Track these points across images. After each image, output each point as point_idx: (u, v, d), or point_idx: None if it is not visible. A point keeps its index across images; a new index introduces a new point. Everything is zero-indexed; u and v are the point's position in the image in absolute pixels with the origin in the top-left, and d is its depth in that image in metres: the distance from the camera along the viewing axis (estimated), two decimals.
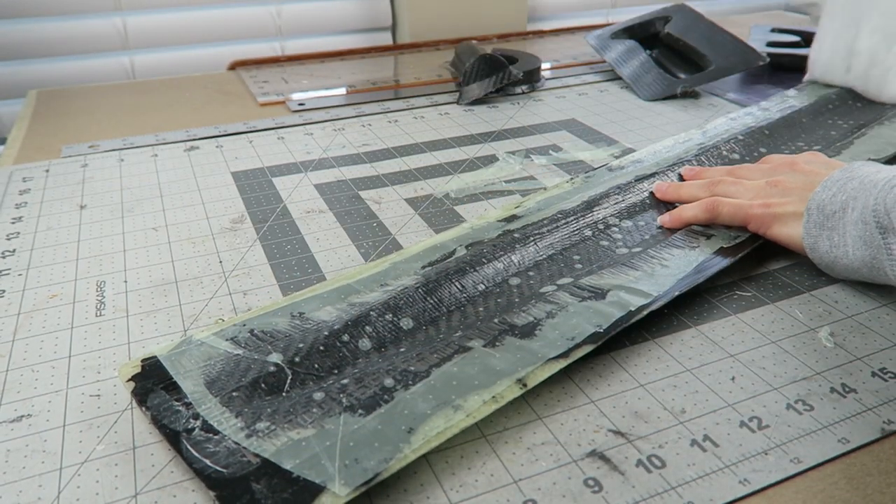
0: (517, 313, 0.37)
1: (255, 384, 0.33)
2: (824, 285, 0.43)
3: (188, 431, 0.30)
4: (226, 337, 0.36)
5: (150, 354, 0.35)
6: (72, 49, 0.96)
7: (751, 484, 0.29)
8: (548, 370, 0.33)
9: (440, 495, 0.29)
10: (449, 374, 0.33)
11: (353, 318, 0.37)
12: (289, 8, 1.04)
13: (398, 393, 0.32)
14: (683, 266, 0.41)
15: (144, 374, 0.34)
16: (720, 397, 0.34)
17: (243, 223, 0.51)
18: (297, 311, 0.38)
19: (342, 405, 0.31)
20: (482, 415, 0.31)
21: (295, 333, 0.36)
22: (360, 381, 0.33)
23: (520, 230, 0.45)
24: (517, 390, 0.32)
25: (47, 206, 0.55)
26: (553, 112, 0.74)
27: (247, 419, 0.31)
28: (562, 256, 0.43)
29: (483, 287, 0.40)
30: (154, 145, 0.66)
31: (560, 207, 0.48)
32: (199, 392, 0.32)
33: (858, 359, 0.36)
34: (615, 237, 0.45)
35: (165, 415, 0.31)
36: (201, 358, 0.34)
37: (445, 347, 0.35)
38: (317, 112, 0.75)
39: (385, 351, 0.35)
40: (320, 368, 0.34)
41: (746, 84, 0.81)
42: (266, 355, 0.34)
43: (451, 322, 0.38)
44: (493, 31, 1.08)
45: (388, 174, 0.59)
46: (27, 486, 0.30)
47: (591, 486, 0.29)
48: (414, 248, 0.44)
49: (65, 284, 0.44)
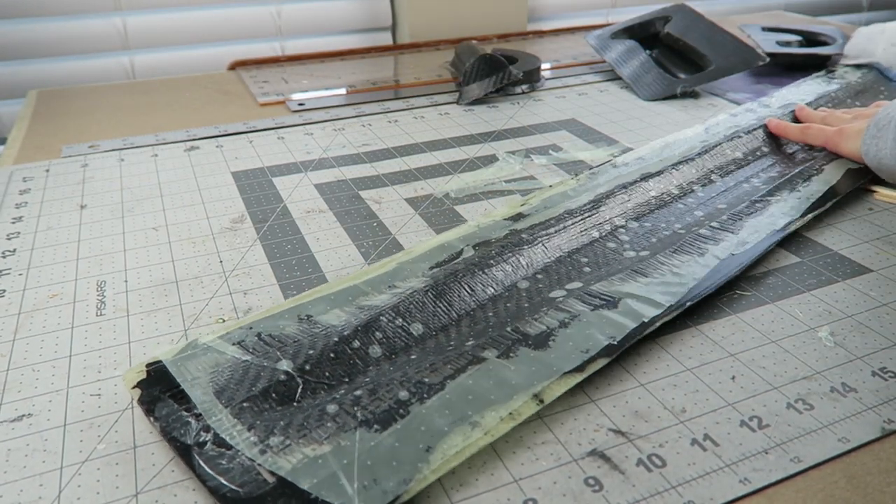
0: (529, 322, 0.37)
1: (266, 393, 0.32)
2: (824, 285, 0.43)
3: (200, 445, 0.30)
4: (232, 341, 0.35)
5: (155, 359, 0.34)
6: (72, 49, 0.96)
7: (751, 483, 0.29)
8: (564, 385, 0.33)
9: (440, 494, 0.29)
10: (464, 387, 0.32)
11: (362, 322, 0.36)
12: (289, 8, 1.04)
13: (413, 406, 0.31)
14: (695, 273, 0.41)
15: (150, 380, 0.33)
16: (720, 397, 0.34)
17: (243, 223, 0.51)
18: (304, 314, 0.37)
19: (357, 419, 0.31)
20: (500, 432, 0.30)
21: (304, 338, 0.35)
22: (374, 392, 0.32)
23: (527, 230, 0.45)
24: (534, 406, 0.32)
25: (47, 205, 0.55)
26: (553, 112, 0.74)
27: (260, 433, 0.30)
28: (570, 259, 0.43)
29: (492, 291, 0.40)
30: (154, 145, 0.66)
31: (566, 206, 0.48)
32: (209, 402, 0.31)
33: (858, 358, 0.36)
34: (622, 238, 0.45)
35: (175, 426, 0.31)
36: (209, 364, 0.34)
37: (459, 357, 0.34)
38: (317, 112, 0.75)
39: (396, 358, 0.35)
40: (331, 377, 0.33)
41: (747, 84, 0.81)
42: (275, 362, 0.34)
43: (462, 328, 0.37)
44: (493, 31, 1.08)
45: (388, 174, 0.59)
46: (28, 486, 0.30)
47: (592, 485, 0.29)
48: (420, 247, 0.43)
49: (65, 284, 0.44)
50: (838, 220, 0.50)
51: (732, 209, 0.49)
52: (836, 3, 1.45)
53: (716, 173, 0.54)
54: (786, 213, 0.48)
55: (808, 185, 0.52)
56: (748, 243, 0.44)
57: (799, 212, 0.48)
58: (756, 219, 0.47)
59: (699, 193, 0.51)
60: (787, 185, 0.52)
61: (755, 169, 0.55)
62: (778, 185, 0.52)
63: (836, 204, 0.51)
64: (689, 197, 0.51)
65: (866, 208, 0.52)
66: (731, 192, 0.52)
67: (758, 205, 0.49)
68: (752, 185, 0.53)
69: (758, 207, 0.49)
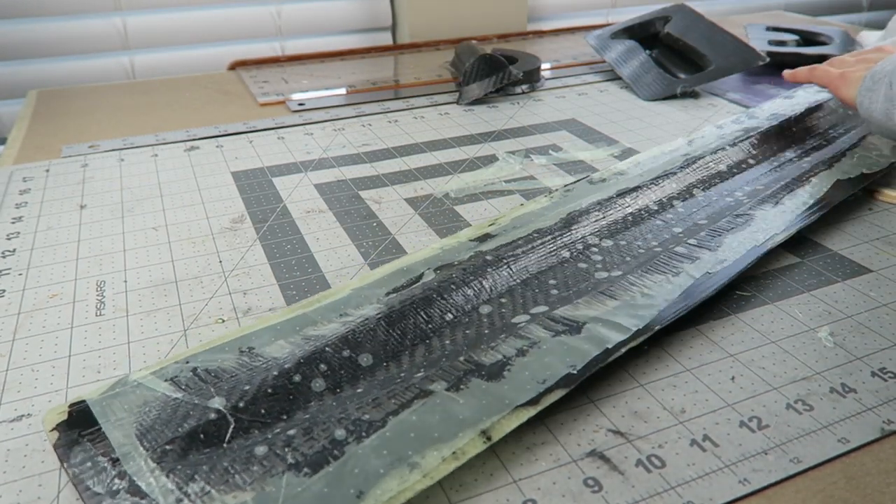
0: (485, 350, 0.35)
1: (194, 435, 0.30)
2: (824, 286, 0.43)
3: (112, 495, 0.27)
4: (165, 377, 0.33)
5: (80, 398, 0.32)
6: (72, 49, 0.96)
7: (750, 484, 0.29)
8: (515, 419, 0.31)
9: (440, 495, 0.29)
10: (407, 424, 0.30)
11: (306, 354, 0.34)
12: (289, 8, 1.04)
13: (349, 447, 0.29)
14: (666, 294, 0.39)
15: (71, 421, 0.31)
16: (720, 397, 0.34)
17: (243, 223, 0.51)
18: (246, 346, 0.35)
19: (286, 462, 0.29)
20: (441, 474, 0.28)
21: (241, 373, 0.33)
22: (309, 432, 0.30)
23: (492, 251, 0.42)
24: (480, 444, 0.29)
25: (47, 205, 0.55)
26: (553, 112, 0.74)
27: (180, 479, 0.28)
28: (537, 281, 0.40)
29: (451, 316, 0.37)
30: (154, 145, 0.66)
31: (537, 226, 0.45)
32: (129, 445, 0.29)
33: (858, 359, 0.36)
34: (594, 258, 0.43)
35: (89, 474, 0.28)
36: (136, 403, 0.31)
37: (405, 391, 0.32)
38: (317, 112, 0.75)
39: (341, 392, 0.33)
40: (267, 414, 0.31)
41: (746, 84, 0.81)
42: (207, 399, 0.31)
43: (415, 358, 0.35)
44: (493, 31, 1.08)
45: (388, 174, 0.59)
46: (27, 486, 0.30)
47: (591, 485, 0.29)
48: (379, 271, 0.41)
49: (65, 284, 0.44)
50: (838, 220, 0.50)
51: (713, 224, 0.46)
52: (836, 3, 1.45)
53: (698, 187, 0.52)
54: (767, 229, 0.46)
55: (793, 199, 0.50)
56: (726, 261, 0.42)
57: (782, 227, 0.46)
58: (736, 235, 0.45)
59: (679, 209, 0.49)
60: (772, 198, 0.50)
61: (739, 182, 0.53)
62: (762, 199, 0.50)
63: (836, 204, 0.51)
64: (668, 212, 0.48)
65: (866, 209, 0.52)
66: (713, 206, 0.49)
67: (739, 220, 0.47)
68: (736, 198, 0.50)
69: (739, 223, 0.46)
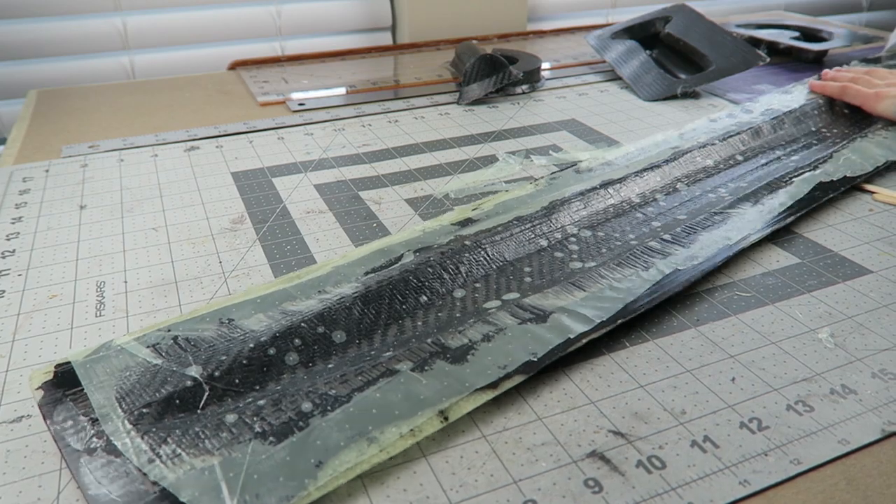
0: (453, 334, 0.35)
1: (170, 400, 0.31)
2: (824, 286, 0.43)
3: (89, 452, 0.29)
4: (147, 343, 0.34)
5: (65, 359, 0.33)
6: (72, 49, 0.96)
7: (751, 485, 0.29)
8: (473, 402, 0.32)
9: (440, 495, 0.29)
10: (370, 401, 0.31)
11: (282, 328, 0.35)
12: (289, 8, 1.04)
13: (314, 419, 0.30)
14: (635, 288, 0.39)
15: (56, 381, 0.32)
16: (720, 398, 0.34)
17: (243, 223, 0.51)
18: (226, 318, 0.36)
19: (254, 431, 0.30)
20: (398, 449, 0.29)
21: (220, 343, 0.34)
22: (278, 403, 0.31)
23: (472, 237, 0.43)
24: (437, 423, 0.31)
25: (47, 206, 0.55)
26: (553, 112, 0.74)
27: (153, 441, 0.29)
28: (512, 268, 0.41)
29: (425, 299, 0.38)
30: (154, 145, 0.66)
31: (518, 213, 0.46)
32: (108, 407, 0.31)
33: (858, 360, 0.36)
34: (571, 248, 0.43)
35: (70, 432, 0.30)
36: (118, 367, 0.32)
37: (372, 369, 0.33)
38: (317, 112, 0.75)
39: (312, 367, 0.34)
40: (241, 384, 0.32)
41: (747, 84, 0.81)
42: (185, 367, 0.32)
43: (387, 338, 0.36)
44: (493, 31, 1.08)
45: (388, 174, 0.59)
46: (27, 487, 0.30)
47: (592, 486, 0.29)
48: (359, 250, 0.42)
49: (65, 284, 0.44)
50: (838, 220, 0.50)
51: (691, 220, 0.46)
52: (836, 3, 1.45)
53: (682, 181, 0.52)
54: (742, 228, 0.46)
55: (772, 198, 0.49)
56: (697, 258, 0.42)
57: (757, 226, 0.46)
58: (710, 232, 0.45)
59: (661, 202, 0.49)
60: (752, 197, 0.50)
61: (724, 178, 0.53)
62: (741, 197, 0.49)
63: (836, 204, 0.51)
64: (649, 206, 0.48)
65: (866, 209, 0.52)
66: (696, 202, 0.49)
67: (716, 217, 0.47)
68: (719, 195, 0.50)
69: (716, 220, 0.46)
